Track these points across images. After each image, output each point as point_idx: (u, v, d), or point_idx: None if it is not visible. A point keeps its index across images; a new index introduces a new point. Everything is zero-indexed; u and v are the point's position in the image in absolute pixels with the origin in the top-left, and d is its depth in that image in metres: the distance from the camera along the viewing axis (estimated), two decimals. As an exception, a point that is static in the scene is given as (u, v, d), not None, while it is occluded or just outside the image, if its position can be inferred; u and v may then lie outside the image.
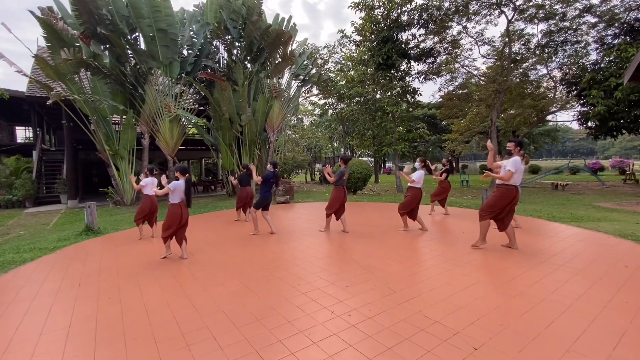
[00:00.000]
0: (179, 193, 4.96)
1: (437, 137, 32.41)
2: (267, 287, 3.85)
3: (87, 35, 11.04)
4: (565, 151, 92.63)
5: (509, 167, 4.71)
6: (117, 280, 4.27)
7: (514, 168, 4.70)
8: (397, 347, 2.52)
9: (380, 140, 17.64)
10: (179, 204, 4.98)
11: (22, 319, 3.25)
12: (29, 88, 13.87)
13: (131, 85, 12.43)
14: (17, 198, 13.79)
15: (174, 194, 4.94)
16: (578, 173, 24.73)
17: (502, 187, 4.88)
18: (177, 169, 5.08)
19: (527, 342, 2.53)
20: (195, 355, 2.51)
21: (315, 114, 33.07)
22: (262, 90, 14.99)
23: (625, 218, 7.49)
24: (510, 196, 4.82)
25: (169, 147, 13.21)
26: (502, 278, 3.88)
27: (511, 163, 4.74)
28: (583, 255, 4.72)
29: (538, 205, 9.95)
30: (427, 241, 5.79)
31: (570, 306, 3.12)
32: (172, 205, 4.99)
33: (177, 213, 4.94)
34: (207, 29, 13.79)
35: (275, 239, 6.29)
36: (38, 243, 6.64)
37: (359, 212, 9.11)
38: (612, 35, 16.04)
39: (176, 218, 4.93)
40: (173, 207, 4.97)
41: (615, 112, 13.81)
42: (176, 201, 4.97)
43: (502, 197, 4.85)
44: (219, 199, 14.65)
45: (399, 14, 15.21)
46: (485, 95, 17.93)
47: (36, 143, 15.62)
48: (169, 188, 4.89)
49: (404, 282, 3.84)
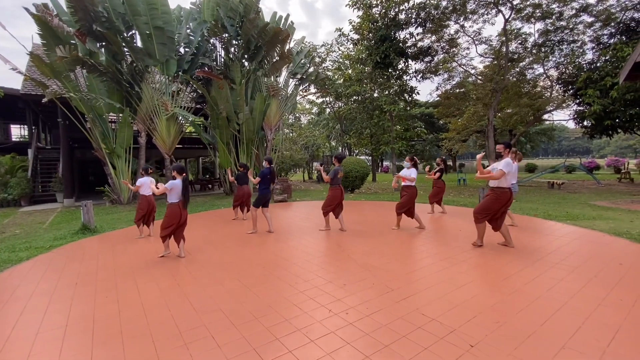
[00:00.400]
0: (177, 192, 4.95)
1: (435, 136, 32.52)
2: (265, 285, 3.85)
3: (82, 33, 10.94)
4: (561, 150, 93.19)
5: (501, 167, 4.75)
6: (115, 279, 4.26)
7: (506, 168, 4.75)
8: (394, 345, 2.54)
9: (378, 138, 17.69)
10: (177, 203, 4.97)
11: (19, 318, 3.23)
12: (24, 86, 13.75)
13: (127, 83, 12.35)
14: (13, 197, 13.68)
15: (171, 193, 4.93)
16: (574, 172, 24.90)
17: (496, 190, 4.91)
18: (174, 168, 5.07)
19: (523, 339, 2.56)
20: (193, 353, 2.51)
21: (312, 113, 33.04)
22: (260, 89, 14.95)
23: (620, 216, 7.56)
24: (504, 199, 4.86)
25: (166, 146, 13.15)
26: (498, 276, 3.91)
27: (503, 164, 4.78)
28: (578, 253, 4.76)
29: (534, 204, 10.02)
30: (424, 239, 5.81)
31: (565, 303, 3.15)
32: (170, 204, 4.97)
33: (176, 212, 4.92)
34: (204, 27, 13.71)
35: (273, 237, 6.29)
36: (34, 242, 6.60)
37: (357, 211, 9.12)
38: (608, 35, 16.14)
39: (175, 217, 4.92)
40: (172, 206, 4.96)
41: (611, 111, 13.90)
42: (174, 200, 4.96)
43: (496, 200, 4.89)
44: (216, 197, 14.62)
45: (397, 13, 15.22)
46: (483, 94, 18.00)
47: (32, 141, 15.50)
48: (167, 187, 4.88)
49: (401, 280, 3.86)
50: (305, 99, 28.87)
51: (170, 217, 4.92)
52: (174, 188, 4.92)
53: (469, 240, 5.47)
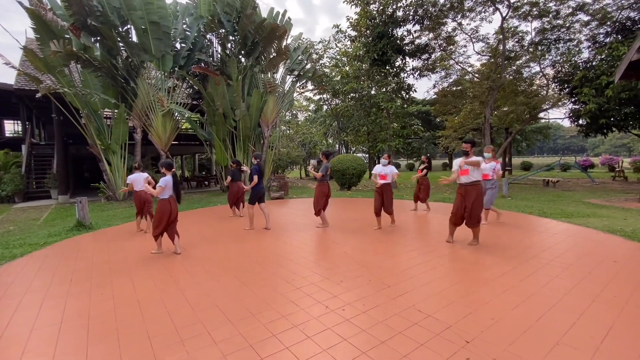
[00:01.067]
0: (168, 189, 4.94)
1: (431, 134, 32.61)
2: (261, 282, 3.85)
3: (77, 27, 10.80)
4: (556, 148, 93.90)
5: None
6: (110, 275, 4.23)
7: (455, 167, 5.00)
8: (390, 341, 2.55)
9: (375, 136, 17.69)
10: (168, 199, 4.95)
11: (13, 315, 3.20)
12: (18, 81, 13.55)
13: (123, 79, 12.22)
14: (6, 193, 13.53)
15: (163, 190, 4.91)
16: (569, 170, 25.08)
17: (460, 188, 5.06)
18: (163, 164, 5.05)
19: (518, 335, 2.58)
20: (189, 350, 2.50)
21: (310, 110, 32.95)
22: (257, 85, 14.87)
23: (614, 214, 7.63)
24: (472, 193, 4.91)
25: (162, 142, 13.06)
26: (494, 273, 3.94)
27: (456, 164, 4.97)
28: (573, 250, 4.80)
29: (529, 202, 10.09)
30: (420, 237, 5.83)
31: (560, 300, 3.18)
32: (161, 201, 4.95)
33: (166, 209, 4.90)
34: (200, 22, 13.58)
35: (269, 234, 6.28)
36: (28, 238, 6.53)
37: (354, 208, 9.13)
38: (604, 34, 16.21)
39: (165, 214, 4.90)
40: (162, 202, 4.93)
41: (606, 110, 13.99)
42: (165, 197, 4.94)
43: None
44: (212, 194, 14.57)
45: (395, 10, 15.15)
46: (479, 92, 18.05)
47: (25, 137, 15.32)
48: (160, 186, 4.85)
49: (398, 277, 3.87)
50: (302, 95, 28.81)
51: (161, 213, 4.90)
52: (167, 185, 4.90)
53: (465, 239, 5.50)
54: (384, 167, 6.33)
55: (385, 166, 6.34)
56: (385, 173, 6.27)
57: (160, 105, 12.57)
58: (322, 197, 6.49)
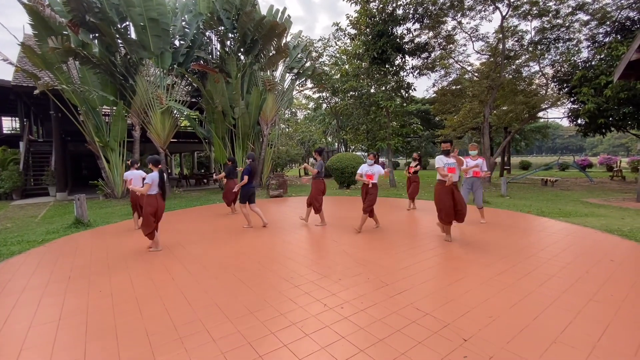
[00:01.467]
0: (155, 185, 4.95)
1: (430, 133, 32.58)
2: (260, 280, 3.85)
3: (75, 24, 10.73)
4: (555, 148, 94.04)
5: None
6: (108, 273, 4.23)
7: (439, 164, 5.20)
8: (388, 339, 2.56)
9: (374, 134, 17.65)
10: (155, 195, 4.95)
11: (11, 312, 3.20)
12: (15, 77, 13.48)
13: (121, 76, 12.17)
14: (4, 190, 13.47)
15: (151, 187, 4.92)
16: (567, 169, 25.16)
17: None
18: (150, 160, 5.04)
19: (516, 334, 2.59)
20: (187, 347, 2.51)
21: (309, 108, 32.91)
22: (256, 83, 14.83)
23: (612, 214, 7.66)
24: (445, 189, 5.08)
25: (161, 140, 13.03)
26: (491, 271, 3.95)
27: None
28: (570, 249, 4.82)
29: (528, 201, 10.11)
30: (418, 236, 5.85)
31: (557, 299, 3.19)
32: (148, 196, 4.94)
33: (153, 204, 4.92)
34: (199, 20, 13.53)
35: (268, 232, 6.28)
36: (26, 236, 6.52)
37: (352, 207, 9.13)
38: (604, 34, 16.21)
39: (152, 208, 4.90)
40: (149, 198, 4.93)
41: (605, 110, 14.00)
42: (152, 192, 4.94)
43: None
44: (211, 192, 14.55)
45: (394, 8, 15.10)
46: (479, 91, 18.03)
47: (23, 134, 15.23)
48: (148, 183, 4.85)
49: (396, 275, 3.88)
50: (302, 94, 28.75)
51: (149, 209, 4.89)
52: (153, 181, 4.90)
53: (464, 238, 5.51)
54: (370, 166, 6.19)
55: (371, 166, 6.20)
56: (372, 173, 6.13)
57: (159, 102, 12.53)
58: (318, 193, 6.54)
